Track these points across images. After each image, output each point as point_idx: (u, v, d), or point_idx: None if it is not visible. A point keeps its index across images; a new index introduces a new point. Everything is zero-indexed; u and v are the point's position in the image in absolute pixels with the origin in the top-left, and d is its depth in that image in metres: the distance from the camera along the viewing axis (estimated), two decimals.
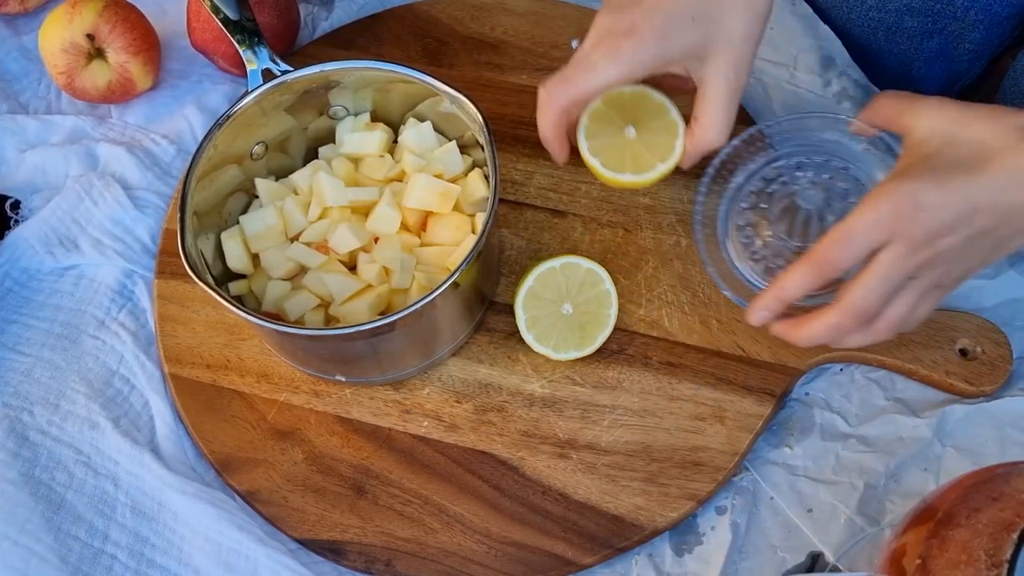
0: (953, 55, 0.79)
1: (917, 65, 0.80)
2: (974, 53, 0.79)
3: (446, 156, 0.69)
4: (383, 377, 0.67)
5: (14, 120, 0.80)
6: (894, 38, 0.78)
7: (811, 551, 0.61)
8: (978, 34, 0.77)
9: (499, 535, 0.62)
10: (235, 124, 0.66)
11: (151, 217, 0.75)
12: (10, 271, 0.74)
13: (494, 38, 0.81)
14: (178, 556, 0.63)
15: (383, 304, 0.66)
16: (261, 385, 0.68)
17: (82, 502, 0.65)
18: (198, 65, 0.83)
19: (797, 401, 0.67)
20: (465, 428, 0.66)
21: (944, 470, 0.62)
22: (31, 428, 0.67)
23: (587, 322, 0.66)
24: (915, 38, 0.78)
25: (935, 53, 0.79)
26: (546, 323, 0.66)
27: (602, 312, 0.66)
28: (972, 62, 0.80)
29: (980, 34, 0.77)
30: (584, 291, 0.66)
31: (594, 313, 0.66)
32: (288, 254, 0.67)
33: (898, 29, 0.78)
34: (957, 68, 0.80)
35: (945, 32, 0.77)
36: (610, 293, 0.66)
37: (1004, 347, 0.65)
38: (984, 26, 0.76)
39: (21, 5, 0.85)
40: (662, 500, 0.62)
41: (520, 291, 0.66)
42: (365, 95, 0.71)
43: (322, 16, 0.86)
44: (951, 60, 0.80)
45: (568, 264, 0.66)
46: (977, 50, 0.78)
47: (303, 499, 0.64)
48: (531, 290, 0.66)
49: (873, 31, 0.79)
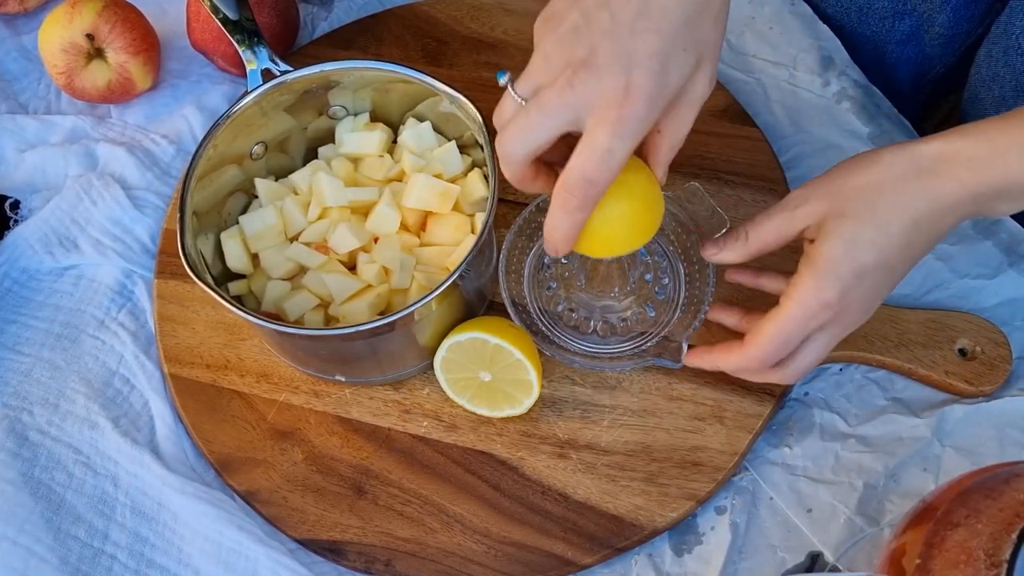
0: (924, 39, 0.79)
1: (890, 48, 0.80)
2: (944, 38, 0.79)
3: (445, 156, 0.69)
4: (383, 377, 0.67)
5: (14, 120, 0.80)
6: (866, 19, 0.79)
7: (811, 551, 0.61)
8: (946, 16, 0.77)
9: (499, 535, 0.62)
10: (235, 124, 0.66)
11: (151, 217, 0.75)
12: (9, 271, 0.74)
13: (494, 38, 0.81)
14: (178, 556, 0.63)
15: (383, 304, 0.66)
16: (261, 385, 0.68)
17: (82, 502, 0.65)
18: (198, 65, 0.83)
19: (796, 401, 0.67)
20: (465, 428, 0.66)
21: (943, 470, 0.62)
22: (31, 428, 0.67)
23: (508, 387, 0.63)
24: (886, 19, 0.78)
25: (906, 35, 0.79)
26: (472, 386, 0.64)
27: (521, 378, 0.62)
28: (944, 47, 0.80)
29: (948, 16, 0.77)
30: (497, 361, 0.63)
31: (513, 380, 0.63)
32: (288, 254, 0.67)
33: (869, 9, 0.78)
34: (929, 53, 0.81)
35: (915, 13, 0.77)
36: (522, 362, 0.62)
37: (1003, 347, 0.65)
38: (951, 8, 0.76)
39: (21, 5, 0.85)
40: (662, 500, 0.62)
41: (436, 359, 0.64)
42: (365, 95, 0.71)
43: (322, 16, 0.86)
44: (922, 44, 0.80)
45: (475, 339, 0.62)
46: (947, 34, 0.79)
47: (303, 499, 0.64)
48: (445, 359, 0.63)
49: (846, 11, 0.80)
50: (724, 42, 0.81)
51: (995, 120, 0.51)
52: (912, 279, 0.69)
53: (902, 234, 0.51)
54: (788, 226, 0.54)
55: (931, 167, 0.51)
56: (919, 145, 0.52)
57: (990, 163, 0.50)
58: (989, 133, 0.50)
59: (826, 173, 0.54)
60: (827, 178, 0.54)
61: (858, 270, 0.52)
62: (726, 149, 0.74)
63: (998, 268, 0.69)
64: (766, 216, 0.55)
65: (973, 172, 0.50)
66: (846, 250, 0.52)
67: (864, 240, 0.51)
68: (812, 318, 0.53)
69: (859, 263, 0.52)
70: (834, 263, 0.52)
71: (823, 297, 0.52)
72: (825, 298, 0.52)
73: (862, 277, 0.52)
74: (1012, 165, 0.49)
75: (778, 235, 0.55)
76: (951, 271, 0.69)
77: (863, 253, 0.52)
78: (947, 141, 0.51)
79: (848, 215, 0.52)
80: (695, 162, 0.74)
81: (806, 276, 0.53)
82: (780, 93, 0.78)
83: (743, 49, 0.81)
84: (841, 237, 0.52)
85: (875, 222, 0.51)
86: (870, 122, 0.76)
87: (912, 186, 0.51)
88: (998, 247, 0.70)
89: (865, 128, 0.76)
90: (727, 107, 0.76)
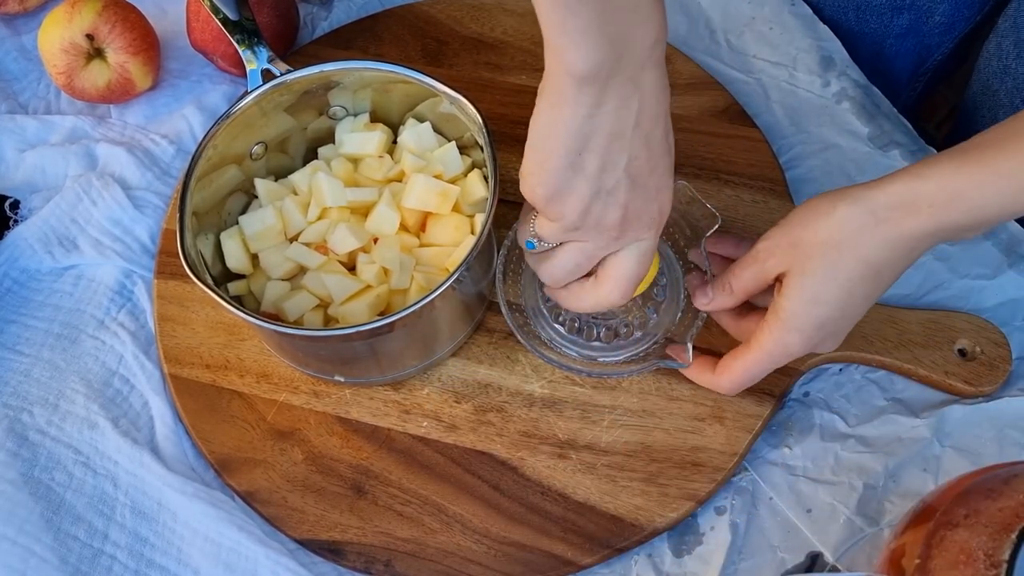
0: (923, 30, 0.80)
1: (889, 43, 0.81)
2: (944, 27, 0.79)
3: (445, 156, 0.69)
4: (382, 377, 0.67)
5: (13, 120, 0.80)
6: (864, 17, 0.79)
7: (810, 551, 0.61)
8: (947, 6, 0.77)
9: (498, 535, 0.62)
10: (235, 124, 0.66)
11: (150, 217, 0.75)
12: (9, 271, 0.74)
13: (494, 38, 0.81)
14: (178, 556, 0.63)
15: (382, 304, 0.66)
16: (261, 385, 0.68)
17: (81, 502, 0.65)
18: (197, 65, 0.83)
19: (796, 401, 0.67)
20: (464, 428, 0.66)
21: (943, 470, 0.62)
22: (30, 428, 0.67)
23: None
24: (884, 15, 0.78)
25: (905, 29, 0.79)
26: None
27: None
28: (942, 36, 0.80)
29: (949, 6, 0.77)
30: None
31: None
32: (287, 254, 0.67)
33: (867, 7, 0.78)
34: (928, 43, 0.81)
35: (914, 7, 0.77)
36: None
37: (1003, 347, 0.65)
38: None
39: (20, 5, 0.85)
40: (661, 500, 0.62)
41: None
42: (364, 95, 0.71)
43: (322, 16, 0.86)
44: (921, 35, 0.80)
45: None
46: (947, 23, 0.79)
47: (303, 499, 0.64)
48: None
49: (843, 10, 0.80)
50: (724, 42, 0.81)
51: (953, 158, 0.50)
52: (912, 279, 0.69)
53: (864, 283, 0.53)
54: (762, 277, 0.58)
55: (888, 216, 0.51)
56: (874, 193, 0.52)
57: (950, 206, 0.50)
58: (945, 176, 0.50)
59: (787, 221, 0.56)
60: (788, 228, 0.56)
61: (820, 322, 0.55)
62: (726, 149, 0.74)
63: (998, 268, 0.69)
64: (741, 267, 0.59)
65: (933, 216, 0.50)
66: (808, 309, 0.55)
67: (826, 298, 0.54)
68: (777, 361, 0.58)
69: (821, 318, 0.55)
70: (798, 319, 0.55)
71: (789, 349, 0.57)
72: (790, 350, 0.57)
73: (824, 326, 0.55)
74: (973, 203, 0.49)
75: (756, 283, 0.59)
76: (951, 271, 0.69)
77: (825, 309, 0.54)
78: (904, 185, 0.51)
79: (808, 273, 0.54)
80: (695, 162, 0.74)
81: (773, 327, 0.56)
82: (780, 93, 0.78)
83: (743, 49, 0.81)
84: (802, 297, 0.55)
85: (836, 280, 0.53)
86: (870, 122, 0.76)
87: (870, 238, 0.52)
88: (998, 247, 0.70)
89: (865, 128, 0.76)
90: (727, 107, 0.76)
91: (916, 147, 0.75)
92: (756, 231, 0.71)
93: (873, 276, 0.53)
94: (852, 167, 0.74)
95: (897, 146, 0.75)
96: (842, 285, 0.53)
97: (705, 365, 0.62)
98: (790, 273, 0.55)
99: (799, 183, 0.74)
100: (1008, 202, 0.49)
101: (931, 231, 0.51)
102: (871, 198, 0.52)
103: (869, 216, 0.52)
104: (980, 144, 0.50)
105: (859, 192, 0.53)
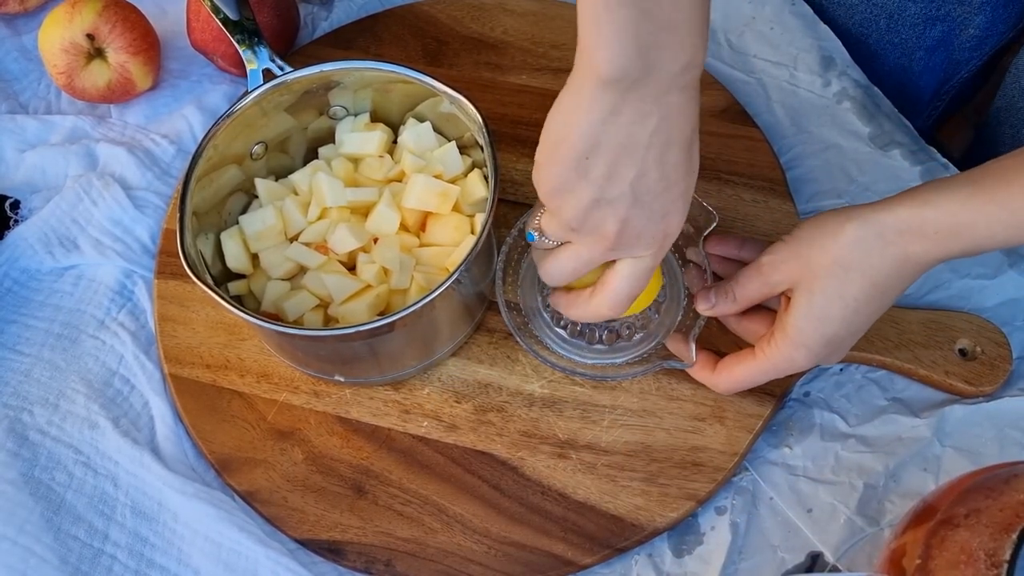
0: (954, 44, 0.79)
1: (918, 56, 0.80)
2: (976, 40, 0.78)
3: (445, 156, 0.69)
4: (382, 377, 0.67)
5: (14, 120, 0.80)
6: (895, 27, 0.78)
7: (811, 551, 0.61)
8: (983, 18, 0.76)
9: (499, 535, 0.62)
10: (235, 124, 0.66)
11: (151, 217, 0.75)
12: (10, 271, 0.74)
13: (494, 38, 0.81)
14: (178, 556, 0.63)
15: (382, 304, 0.66)
16: (261, 385, 0.68)
17: (82, 502, 0.65)
18: (198, 65, 0.83)
19: (797, 401, 0.67)
20: (465, 428, 0.66)
21: (943, 470, 0.62)
22: (31, 428, 0.67)
23: None
24: (917, 26, 0.77)
25: (937, 42, 0.78)
26: None
27: None
28: (973, 51, 0.80)
29: (985, 18, 0.76)
30: None
31: None
32: (287, 254, 0.67)
33: (900, 16, 0.78)
34: (957, 58, 0.80)
35: (949, 18, 0.76)
36: None
37: (1004, 347, 0.65)
38: (990, 8, 0.75)
39: (21, 5, 0.85)
40: (662, 500, 0.62)
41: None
42: (365, 95, 0.71)
43: (322, 16, 0.86)
44: (952, 49, 0.79)
45: None
46: (980, 36, 0.78)
47: (303, 499, 0.64)
48: None
49: (875, 19, 0.79)
50: (724, 42, 0.81)
51: (963, 186, 0.51)
52: None
53: (870, 302, 0.54)
54: (767, 290, 0.59)
55: (896, 239, 0.53)
56: (882, 216, 0.53)
57: (957, 235, 0.51)
58: (955, 204, 0.51)
59: (795, 237, 0.57)
60: (796, 245, 0.56)
61: (827, 339, 0.56)
62: (726, 149, 0.74)
63: (998, 268, 0.69)
64: (746, 278, 0.59)
65: (939, 243, 0.52)
66: (815, 326, 0.56)
67: (833, 316, 0.55)
68: (781, 373, 0.59)
69: (828, 335, 0.56)
70: (805, 336, 0.56)
71: (794, 364, 0.58)
72: (796, 364, 0.58)
73: (830, 343, 0.56)
74: (980, 234, 0.51)
75: (760, 294, 0.59)
76: (951, 271, 0.69)
77: (832, 327, 0.55)
78: (912, 210, 0.52)
79: (817, 292, 0.55)
80: None
81: (780, 342, 0.57)
82: (780, 93, 0.78)
83: (743, 49, 0.81)
84: (810, 315, 0.55)
85: (843, 299, 0.54)
86: (870, 122, 0.76)
87: (879, 260, 0.53)
88: None
89: (865, 128, 0.76)
90: (727, 107, 0.76)
91: (916, 147, 0.75)
92: (756, 231, 0.71)
93: (879, 296, 0.54)
94: (853, 167, 0.74)
95: (898, 146, 0.75)
96: (849, 304, 0.54)
97: (706, 362, 0.63)
98: (797, 290, 0.56)
99: (799, 183, 0.74)
100: (1014, 235, 0.50)
101: (937, 256, 0.52)
102: (879, 220, 0.53)
103: (877, 239, 0.53)
104: (991, 173, 0.51)
105: (867, 213, 0.53)
